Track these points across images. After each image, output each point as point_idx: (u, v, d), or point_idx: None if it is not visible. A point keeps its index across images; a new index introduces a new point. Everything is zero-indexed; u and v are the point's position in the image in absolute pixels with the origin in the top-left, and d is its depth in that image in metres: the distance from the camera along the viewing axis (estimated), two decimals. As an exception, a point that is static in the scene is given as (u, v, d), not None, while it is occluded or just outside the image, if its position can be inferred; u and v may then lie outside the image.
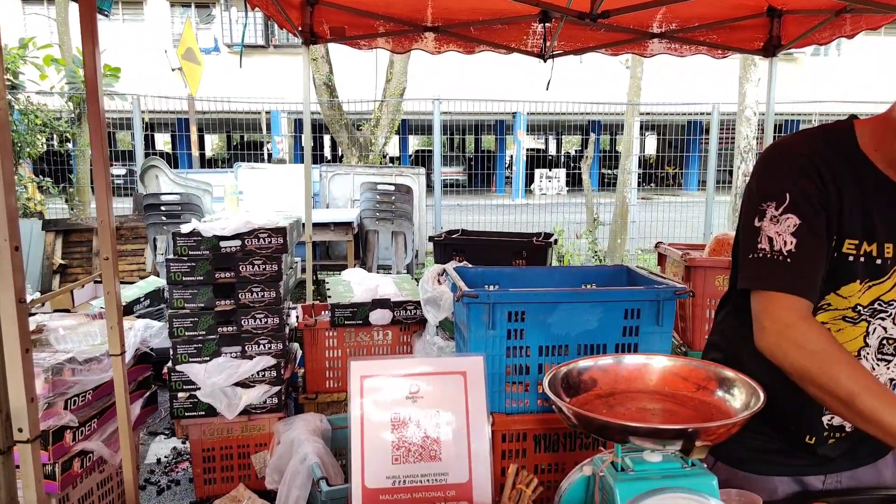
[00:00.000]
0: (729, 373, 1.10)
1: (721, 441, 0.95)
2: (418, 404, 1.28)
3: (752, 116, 7.91)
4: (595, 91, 14.21)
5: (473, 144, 26.15)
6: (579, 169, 9.11)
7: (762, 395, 1.01)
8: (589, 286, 2.36)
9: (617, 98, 10.65)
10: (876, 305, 1.25)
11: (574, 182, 13.82)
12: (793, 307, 1.15)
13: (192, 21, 18.01)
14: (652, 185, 18.42)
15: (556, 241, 3.78)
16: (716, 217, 8.43)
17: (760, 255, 1.19)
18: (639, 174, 17.21)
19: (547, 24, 4.15)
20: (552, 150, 28.92)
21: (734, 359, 1.28)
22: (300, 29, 4.17)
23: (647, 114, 13.76)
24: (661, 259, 3.10)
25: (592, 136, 9.04)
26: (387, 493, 1.26)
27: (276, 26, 4.09)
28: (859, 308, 1.24)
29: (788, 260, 1.16)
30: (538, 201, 14.28)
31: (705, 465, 1.03)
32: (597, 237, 8.46)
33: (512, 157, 19.24)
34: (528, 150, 22.59)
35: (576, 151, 24.78)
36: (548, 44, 4.40)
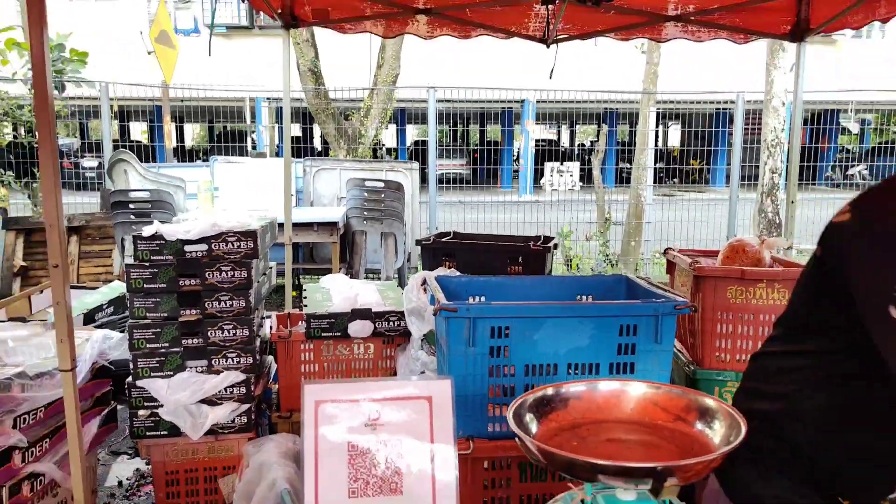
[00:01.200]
0: (710, 402, 1.10)
1: (697, 479, 0.96)
2: (378, 432, 1.29)
3: (781, 107, 7.89)
4: (610, 76, 14.17)
5: (478, 135, 26.15)
6: (591, 164, 9.11)
7: (743, 429, 1.01)
8: (584, 298, 2.37)
9: (634, 84, 10.63)
10: None
11: (588, 177, 13.83)
12: None
13: (170, 0, 18.06)
14: (675, 180, 18.40)
15: (555, 245, 3.78)
16: (740, 217, 8.39)
17: None
18: (659, 169, 17.18)
19: (550, 6, 4.15)
20: (565, 142, 28.91)
21: (795, 418, 1.20)
22: (279, 11, 4.18)
23: (668, 102, 13.73)
24: (671, 267, 3.10)
25: (605, 129, 9.04)
26: (342, 530, 1.26)
27: (261, 5, 4.09)
28: None
29: None
30: (548, 198, 14.26)
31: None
32: (609, 239, 8.45)
33: (519, 149, 19.25)
34: (537, 141, 22.58)
35: (591, 143, 24.76)
36: (551, 27, 4.40)
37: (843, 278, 1.17)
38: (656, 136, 23.82)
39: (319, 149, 19.87)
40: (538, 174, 17.63)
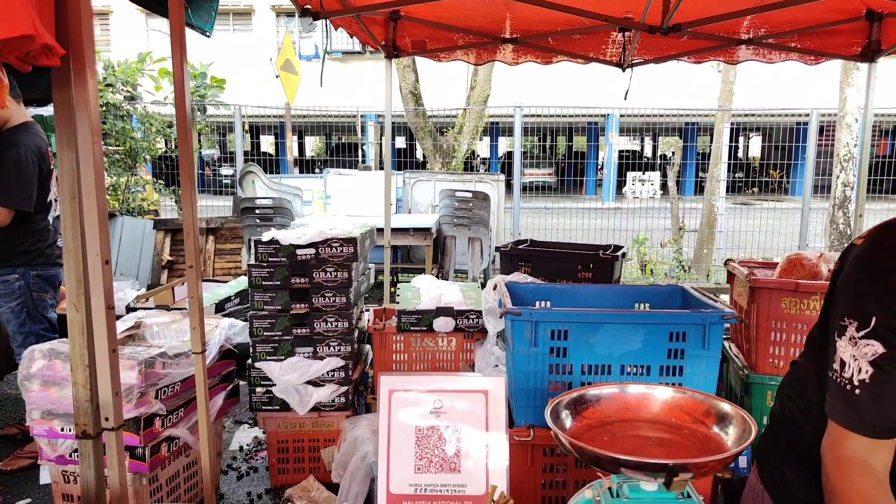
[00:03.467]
0: (727, 407, 1.12)
1: (710, 475, 0.98)
2: (441, 419, 1.38)
3: (854, 123, 7.38)
4: (691, 90, 13.62)
5: (565, 148, 25.80)
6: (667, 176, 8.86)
7: (753, 432, 1.02)
8: (643, 306, 2.37)
9: (712, 97, 10.21)
10: None
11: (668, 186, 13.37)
12: (855, 450, 1.02)
13: (296, 29, 18.99)
14: (754, 189, 17.45)
15: (624, 254, 3.75)
16: (813, 227, 7.91)
17: (832, 375, 1.07)
18: (739, 179, 16.26)
19: (627, 33, 4.11)
20: (648, 152, 28.03)
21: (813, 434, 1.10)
22: (383, 44, 4.35)
23: (747, 115, 13.07)
24: (731, 277, 3.02)
25: (680, 144, 8.74)
26: (409, 500, 1.36)
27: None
28: None
29: (857, 391, 1.02)
30: (630, 205, 13.93)
31: (702, 498, 1.06)
32: (682, 246, 8.19)
33: (603, 159, 18.86)
34: (621, 151, 22.02)
35: (672, 153, 23.88)
36: (627, 53, 4.35)
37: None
38: (736, 148, 22.64)
39: (421, 159, 20.30)
40: (621, 183, 17.22)
